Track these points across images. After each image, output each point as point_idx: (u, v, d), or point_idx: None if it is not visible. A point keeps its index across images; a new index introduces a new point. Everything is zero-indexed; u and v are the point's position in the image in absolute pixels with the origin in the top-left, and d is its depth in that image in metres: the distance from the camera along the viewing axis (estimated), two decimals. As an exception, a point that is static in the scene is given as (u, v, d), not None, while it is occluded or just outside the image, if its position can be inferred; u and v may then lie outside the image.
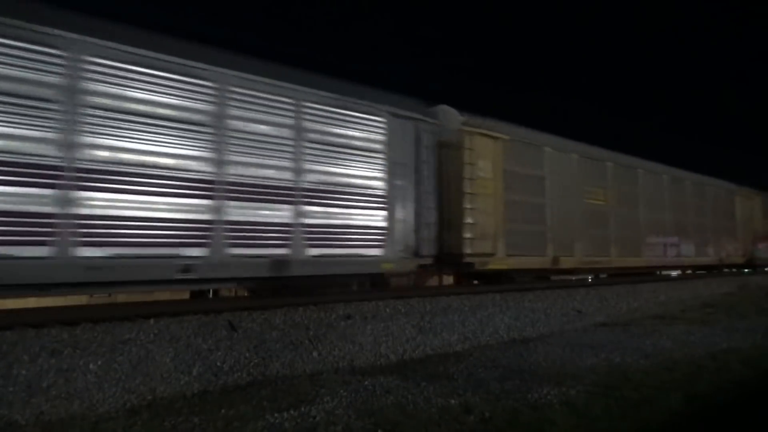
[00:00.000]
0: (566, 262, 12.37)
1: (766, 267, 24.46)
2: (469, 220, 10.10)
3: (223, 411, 4.22)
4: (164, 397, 4.63)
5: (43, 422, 4.00)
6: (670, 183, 17.04)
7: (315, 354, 5.87)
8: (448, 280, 12.31)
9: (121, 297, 7.86)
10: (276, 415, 4.10)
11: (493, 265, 10.57)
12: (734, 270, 21.92)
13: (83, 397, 4.36)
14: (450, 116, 10.59)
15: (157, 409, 4.32)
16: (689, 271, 19.52)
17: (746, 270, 22.84)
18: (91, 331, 5.40)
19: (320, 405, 4.35)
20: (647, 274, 16.39)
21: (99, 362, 4.77)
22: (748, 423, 4.36)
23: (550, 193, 12.09)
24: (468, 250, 10.03)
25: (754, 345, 7.36)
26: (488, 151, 10.66)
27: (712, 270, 19.89)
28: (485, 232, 10.37)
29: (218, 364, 5.25)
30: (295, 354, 5.76)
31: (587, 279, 14.96)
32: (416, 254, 9.32)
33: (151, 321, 5.93)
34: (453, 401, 4.54)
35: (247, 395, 4.69)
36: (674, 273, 19.17)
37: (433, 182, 9.80)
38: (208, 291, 8.36)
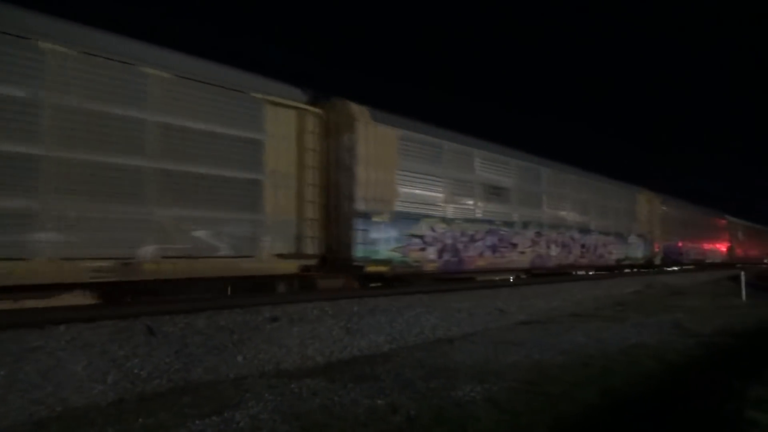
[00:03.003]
0: None
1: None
2: None
3: (140, 420, 4.04)
4: (76, 408, 4.37)
5: (-65, 440, 3.68)
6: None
7: (240, 358, 5.73)
8: None
9: (30, 302, 7.30)
10: (198, 422, 3.97)
11: None
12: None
13: (-17, 411, 4.04)
14: None
15: (67, 421, 4.07)
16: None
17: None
18: (-6, 339, 5.01)
19: (245, 410, 4.26)
20: None
21: (2, 372, 4.43)
22: (656, 414, 4.66)
23: None
24: None
25: (660, 340, 7.88)
26: None
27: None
28: None
29: (136, 371, 5.01)
30: (218, 358, 5.60)
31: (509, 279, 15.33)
32: None
33: (62, 327, 5.58)
34: (380, 401, 4.57)
35: (167, 402, 4.51)
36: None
37: None
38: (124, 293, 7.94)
